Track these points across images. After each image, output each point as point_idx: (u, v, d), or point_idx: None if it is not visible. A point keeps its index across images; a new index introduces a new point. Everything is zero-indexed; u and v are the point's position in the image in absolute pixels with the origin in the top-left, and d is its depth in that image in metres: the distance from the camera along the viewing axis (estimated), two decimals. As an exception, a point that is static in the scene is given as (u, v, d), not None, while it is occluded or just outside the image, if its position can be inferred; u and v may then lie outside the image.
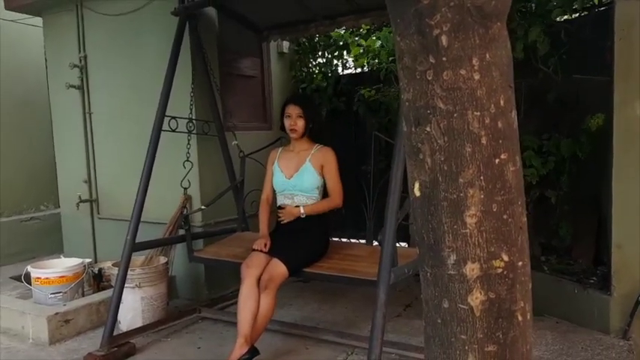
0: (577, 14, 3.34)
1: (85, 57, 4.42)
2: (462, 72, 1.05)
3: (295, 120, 3.00)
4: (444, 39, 1.04)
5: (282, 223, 3.05)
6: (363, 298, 3.79)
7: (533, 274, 1.21)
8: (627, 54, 2.82)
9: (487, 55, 1.05)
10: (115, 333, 3.04)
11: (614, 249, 2.93)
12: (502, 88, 1.08)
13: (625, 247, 2.90)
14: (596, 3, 3.29)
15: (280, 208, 3.09)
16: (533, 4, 3.23)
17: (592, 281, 3.17)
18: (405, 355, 2.83)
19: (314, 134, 3.07)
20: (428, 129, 1.10)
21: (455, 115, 1.07)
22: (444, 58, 1.05)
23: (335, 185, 2.99)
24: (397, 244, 2.53)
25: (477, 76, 1.05)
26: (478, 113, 1.06)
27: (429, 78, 1.07)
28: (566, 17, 3.35)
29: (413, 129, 1.13)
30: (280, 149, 3.20)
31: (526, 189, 3.52)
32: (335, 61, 4.88)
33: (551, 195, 3.40)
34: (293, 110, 3.00)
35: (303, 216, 2.95)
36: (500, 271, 1.10)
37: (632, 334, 2.87)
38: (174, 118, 3.44)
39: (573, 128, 3.31)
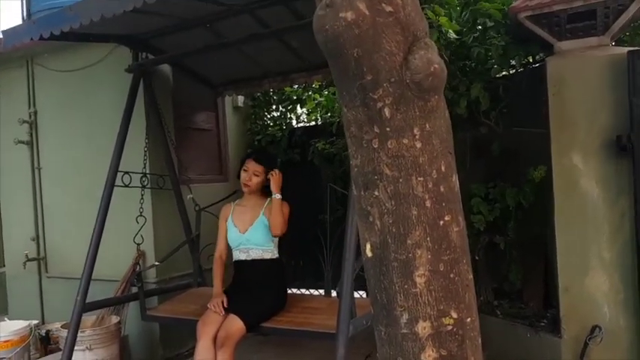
0: (514, 70, 3.59)
1: (35, 112, 4.35)
2: (405, 141, 1.12)
3: (250, 176, 3.04)
4: (386, 111, 1.12)
5: (239, 277, 3.03)
6: (323, 349, 3.73)
7: (488, 320, 1.26)
8: (560, 107, 3.03)
9: (427, 125, 1.14)
10: (63, 401, 2.88)
11: (562, 292, 3.04)
12: (442, 154, 1.16)
13: (571, 289, 3.03)
14: (531, 60, 3.56)
15: (237, 262, 3.07)
16: (473, 62, 3.46)
17: (543, 324, 3.27)
18: (366, 408, 2.81)
19: (268, 188, 3.11)
20: (376, 193, 1.16)
21: (400, 180, 1.13)
22: (388, 129, 1.12)
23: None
24: (356, 294, 2.55)
25: (418, 145, 1.13)
26: (422, 179, 1.13)
27: (375, 146, 1.14)
28: (504, 73, 3.60)
29: (362, 192, 1.19)
30: (233, 205, 3.20)
31: (475, 235, 3.63)
32: (289, 115, 5.00)
33: (500, 241, 3.54)
34: (251, 166, 3.05)
35: (278, 197, 2.96)
36: (450, 328, 1.15)
37: (584, 375, 2.96)
38: (127, 172, 3.41)
39: (517, 177, 3.49)
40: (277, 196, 2.96)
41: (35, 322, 3.76)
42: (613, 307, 2.93)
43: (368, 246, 1.21)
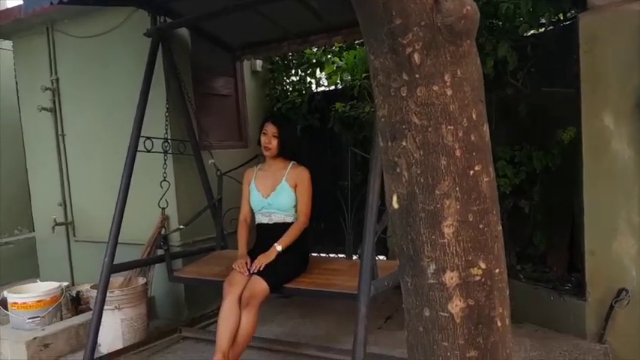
0: (543, 29, 3.46)
1: (57, 79, 4.38)
2: (435, 88, 1.09)
3: (270, 139, 3.03)
4: (416, 57, 1.08)
5: (261, 239, 3.06)
6: (344, 312, 3.79)
7: (511, 283, 1.25)
8: (592, 66, 2.92)
9: (458, 72, 1.10)
10: (95, 356, 2.99)
11: (588, 256, 3.00)
12: (474, 102, 1.13)
13: (597, 253, 2.98)
14: (561, 18, 3.42)
15: (259, 226, 3.10)
16: (500, 20, 3.34)
17: (567, 288, 3.25)
18: (387, 367, 2.85)
19: (289, 153, 3.10)
20: (404, 143, 1.13)
21: (429, 129, 1.10)
22: (417, 75, 1.09)
23: (304, 206, 3.02)
24: (376, 257, 2.55)
25: (449, 92, 1.09)
26: (452, 127, 1.10)
27: (403, 94, 1.11)
28: (532, 32, 3.47)
29: (389, 144, 1.17)
30: (256, 169, 3.21)
31: (500, 199, 3.59)
32: (308, 79, 4.93)
33: (525, 205, 3.48)
34: (269, 129, 3.04)
35: (280, 249, 2.89)
36: (478, 278, 1.14)
37: (608, 337, 2.94)
38: (149, 138, 3.43)
39: (544, 139, 3.41)
40: (278, 247, 2.89)
41: (65, 283, 3.87)
42: (641, 270, 2.89)
43: (395, 198, 1.19)
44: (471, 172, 1.12)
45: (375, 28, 1.11)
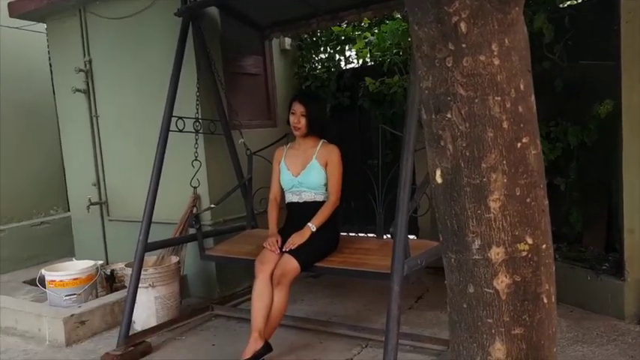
0: None
1: (90, 61, 4.43)
2: (482, 58, 1.05)
3: (299, 118, 3.00)
4: (462, 26, 1.04)
5: (292, 218, 3.06)
6: (373, 292, 3.80)
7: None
8: (634, 38, 2.81)
9: (506, 40, 1.06)
10: (130, 333, 3.06)
11: (627, 234, 2.93)
12: (521, 72, 1.09)
13: (637, 231, 2.90)
14: (601, -12, 3.28)
15: (289, 204, 3.10)
16: (537, -9, 3.23)
17: (604, 267, 3.17)
18: (419, 346, 2.85)
19: (318, 131, 3.08)
20: (449, 116, 1.10)
21: (476, 100, 1.07)
22: (464, 45, 1.05)
23: (335, 184, 2.99)
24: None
25: (496, 62, 1.06)
26: (499, 98, 1.07)
27: (449, 65, 1.08)
28: (569, 3, 3.35)
29: (433, 116, 1.14)
30: (286, 147, 3.20)
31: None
32: (337, 56, 4.87)
33: (560, 182, 3.40)
34: (298, 108, 3.01)
35: (314, 229, 2.89)
36: (524, 254, 1.11)
37: (647, 318, 2.88)
38: (181, 118, 3.45)
39: (580, 115, 3.30)
40: (313, 228, 2.89)
41: (100, 262, 3.96)
42: (682, 249, 2.80)
43: (438, 172, 1.16)
44: (519, 144, 1.09)
45: (419, -3, 1.07)
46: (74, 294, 3.53)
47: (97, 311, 3.44)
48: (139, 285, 3.17)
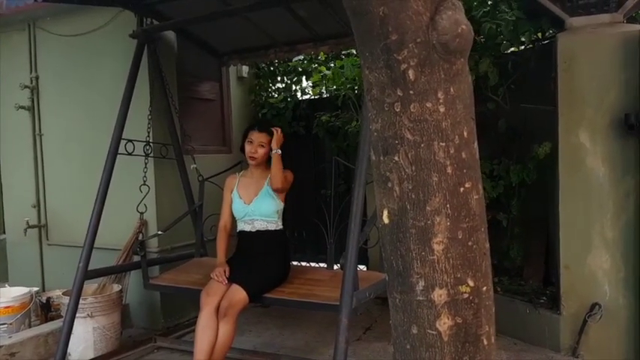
0: (523, 47, 3.54)
1: (37, 77, 4.28)
2: (428, 105, 1.10)
3: (256, 148, 3.00)
4: (411, 73, 1.09)
5: (242, 247, 3.02)
6: (323, 322, 3.78)
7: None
8: (570, 84, 3.00)
9: (451, 89, 1.11)
10: (65, 366, 2.90)
11: (562, 270, 3.07)
12: (465, 120, 1.14)
13: (572, 267, 3.05)
14: (540, 37, 3.51)
15: (240, 233, 3.07)
16: (482, 37, 3.41)
17: (542, 301, 3.30)
18: (366, 379, 2.85)
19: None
20: (396, 158, 1.14)
21: (422, 145, 1.11)
22: (411, 92, 1.10)
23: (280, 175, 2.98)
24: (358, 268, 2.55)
25: (442, 109, 1.10)
26: (444, 144, 1.11)
27: (397, 110, 1.12)
28: (512, 49, 3.55)
29: (381, 158, 1.17)
30: (239, 175, 3.18)
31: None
32: (294, 87, 4.94)
33: (502, 218, 3.54)
34: (255, 137, 3.01)
35: (278, 152, 2.96)
36: (466, 296, 1.14)
37: (581, 351, 3.00)
38: (130, 141, 3.37)
39: (522, 154, 3.48)
40: (278, 151, 2.96)
41: (36, 289, 3.76)
42: (614, 285, 2.96)
43: (385, 212, 1.19)
44: (462, 189, 1.13)
45: (370, 43, 1.11)
46: (5, 323, 3.31)
47: (30, 342, 3.22)
48: (77, 315, 3.01)
